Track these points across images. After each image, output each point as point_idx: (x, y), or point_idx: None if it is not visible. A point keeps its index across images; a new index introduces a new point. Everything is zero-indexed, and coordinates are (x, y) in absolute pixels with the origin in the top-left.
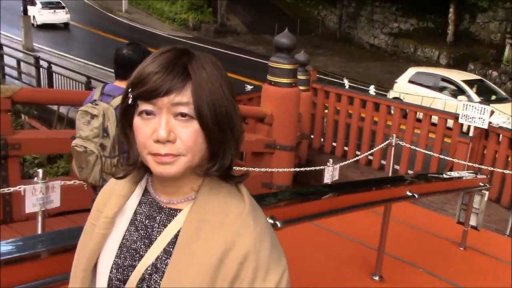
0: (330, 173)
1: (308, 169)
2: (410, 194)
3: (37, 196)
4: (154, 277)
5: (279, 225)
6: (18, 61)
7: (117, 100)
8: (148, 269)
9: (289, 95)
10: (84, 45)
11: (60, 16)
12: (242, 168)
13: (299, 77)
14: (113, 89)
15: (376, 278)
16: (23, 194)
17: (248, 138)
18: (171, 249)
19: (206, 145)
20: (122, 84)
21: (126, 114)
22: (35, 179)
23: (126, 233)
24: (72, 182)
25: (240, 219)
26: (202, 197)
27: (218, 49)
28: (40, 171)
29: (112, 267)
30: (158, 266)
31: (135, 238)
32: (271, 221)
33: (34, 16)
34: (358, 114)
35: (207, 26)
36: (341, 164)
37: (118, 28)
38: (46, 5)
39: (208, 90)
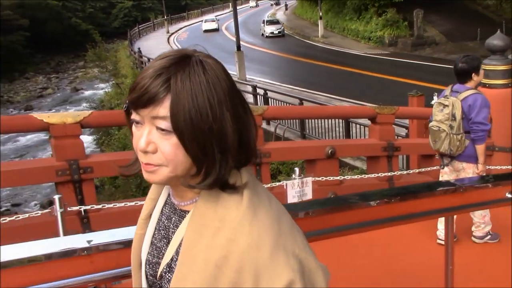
0: None
1: None
2: None
3: (295, 189)
4: (168, 276)
5: None
6: None
7: (462, 95)
8: (165, 268)
9: (505, 96)
10: (287, 72)
11: (213, 25)
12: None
13: None
14: (458, 88)
15: None
16: (285, 188)
17: None
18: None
19: (188, 159)
20: (464, 84)
21: (128, 117)
22: (293, 175)
23: (155, 232)
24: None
25: (235, 223)
26: (202, 201)
27: (417, 62)
28: (297, 169)
29: (146, 263)
30: (172, 265)
31: (160, 237)
32: (510, 195)
33: (202, 27)
34: None
35: (404, 40)
36: None
37: (316, 52)
38: (206, 21)
39: (189, 104)
